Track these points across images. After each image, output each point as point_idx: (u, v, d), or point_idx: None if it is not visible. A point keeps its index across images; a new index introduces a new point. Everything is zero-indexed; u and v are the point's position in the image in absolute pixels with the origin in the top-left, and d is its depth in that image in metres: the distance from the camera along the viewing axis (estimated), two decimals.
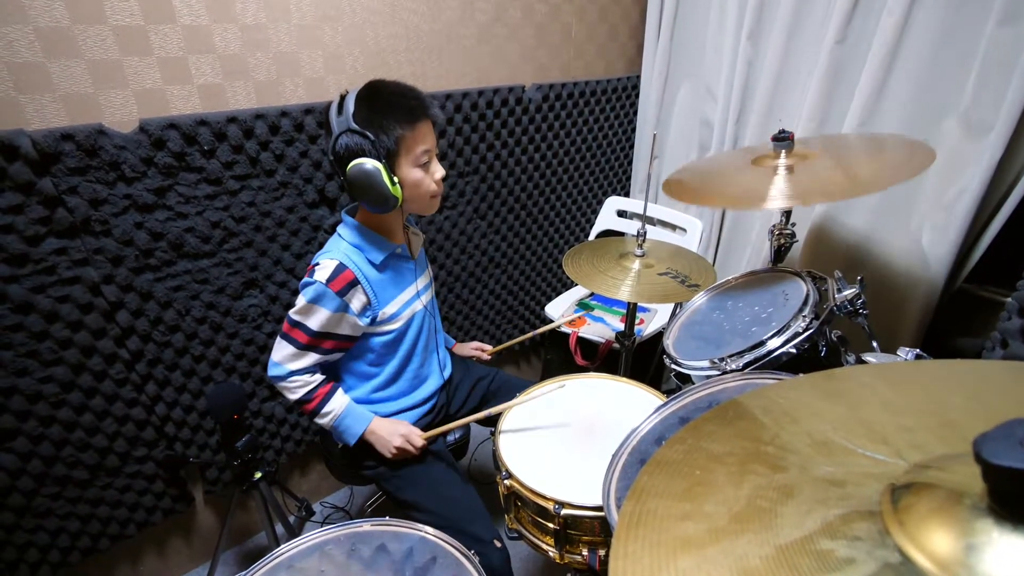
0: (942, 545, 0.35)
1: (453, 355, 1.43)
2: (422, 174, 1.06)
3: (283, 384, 1.10)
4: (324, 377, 1.13)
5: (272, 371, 1.10)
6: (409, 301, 1.17)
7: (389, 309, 1.13)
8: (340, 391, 1.14)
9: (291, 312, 1.06)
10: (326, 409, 1.11)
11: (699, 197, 1.17)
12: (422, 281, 1.23)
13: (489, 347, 1.46)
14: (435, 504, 1.13)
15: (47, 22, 1.01)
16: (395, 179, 1.01)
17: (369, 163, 0.98)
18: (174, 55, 1.15)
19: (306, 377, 1.10)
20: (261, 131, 1.28)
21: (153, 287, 1.24)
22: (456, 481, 1.17)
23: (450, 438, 1.35)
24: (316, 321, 1.05)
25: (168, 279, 1.25)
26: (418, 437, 1.14)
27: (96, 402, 1.22)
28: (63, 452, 1.20)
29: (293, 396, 1.11)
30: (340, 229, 1.12)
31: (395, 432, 1.13)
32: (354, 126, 0.98)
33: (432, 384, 1.28)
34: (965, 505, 0.36)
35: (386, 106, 1.01)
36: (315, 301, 1.03)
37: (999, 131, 1.18)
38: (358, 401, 1.18)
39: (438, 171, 1.09)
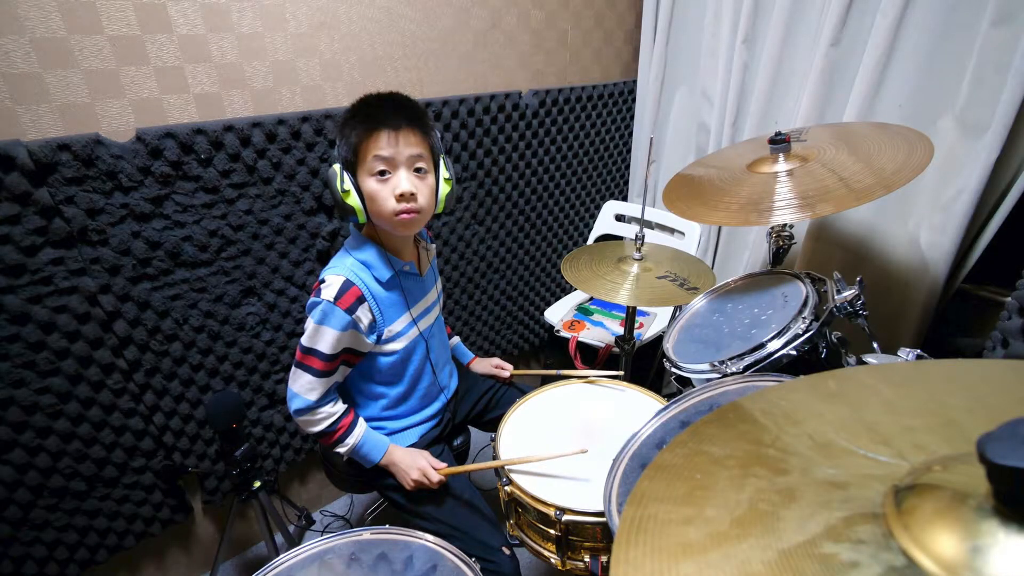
0: (947, 547, 0.34)
1: (459, 364, 1.42)
2: (376, 186, 0.99)
3: (307, 417, 1.07)
4: (346, 406, 1.11)
5: (295, 404, 1.06)
6: (416, 319, 1.15)
7: (394, 328, 1.11)
8: (360, 421, 1.13)
9: (302, 340, 1.04)
10: (347, 440, 1.09)
11: (702, 215, 1.16)
12: (430, 298, 1.21)
13: (509, 366, 1.43)
14: (442, 512, 1.12)
15: (43, 32, 1.01)
16: (347, 187, 0.99)
17: (333, 168, 1.00)
18: (171, 64, 1.16)
19: (329, 408, 1.08)
20: (258, 139, 1.28)
21: (150, 296, 1.23)
22: (463, 488, 1.16)
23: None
24: (327, 343, 1.01)
25: (165, 288, 1.25)
26: (435, 472, 1.09)
27: (93, 412, 1.21)
28: (60, 463, 1.19)
29: (316, 429, 1.08)
30: (347, 243, 1.10)
31: (413, 465, 1.10)
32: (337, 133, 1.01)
33: (441, 399, 1.27)
34: (970, 506, 0.35)
35: (354, 112, 1.01)
36: (323, 322, 1.01)
37: (995, 131, 1.19)
38: (368, 419, 1.16)
39: (399, 184, 0.98)
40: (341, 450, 1.10)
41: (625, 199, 2.33)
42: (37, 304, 1.09)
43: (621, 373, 1.26)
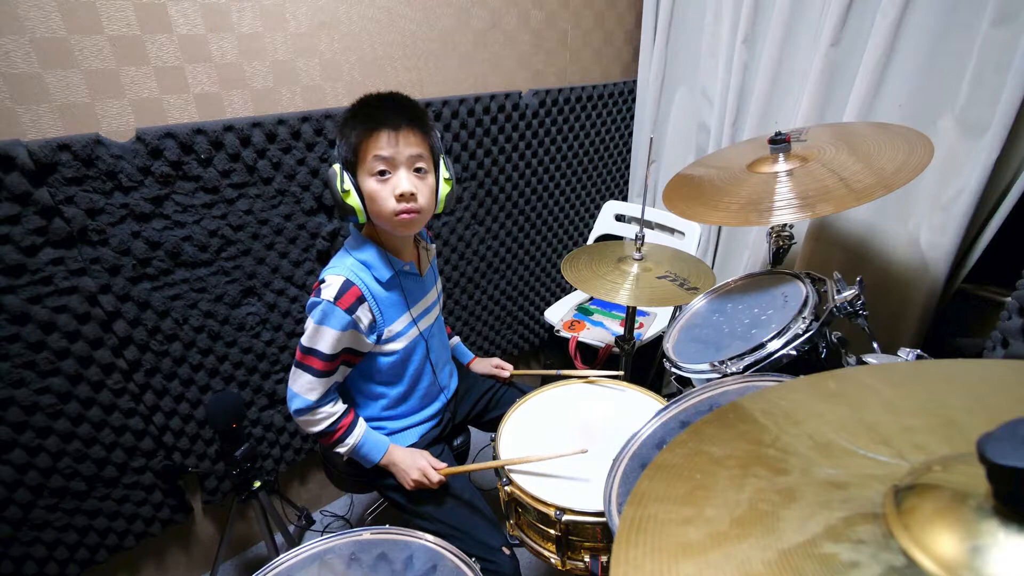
0: (947, 547, 0.34)
1: (459, 364, 1.42)
2: (376, 185, 0.99)
3: (307, 417, 1.07)
4: (346, 406, 1.11)
5: (295, 404, 1.06)
6: (416, 319, 1.15)
7: (394, 328, 1.11)
8: (360, 421, 1.13)
9: (302, 340, 1.04)
10: (347, 440, 1.09)
11: (702, 215, 1.16)
12: (430, 298, 1.21)
13: (509, 366, 1.43)
14: (442, 512, 1.12)
15: (43, 32, 1.01)
16: (347, 187, 0.99)
17: (333, 168, 1.00)
18: (171, 64, 1.16)
19: (329, 408, 1.08)
20: (258, 139, 1.28)
21: (150, 296, 1.23)
22: (463, 488, 1.16)
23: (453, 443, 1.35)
24: (327, 343, 1.01)
25: (165, 288, 1.25)
26: (435, 472, 1.09)
27: (93, 412, 1.21)
28: (60, 463, 1.19)
29: (316, 429, 1.08)
30: (347, 243, 1.10)
31: (413, 465, 1.10)
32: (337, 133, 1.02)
33: (441, 399, 1.27)
34: (969, 506, 0.35)
35: (354, 112, 1.01)
36: (323, 322, 1.01)
37: (995, 131, 1.19)
38: (367, 419, 1.16)
39: (399, 184, 0.99)
40: (341, 450, 1.10)
41: (625, 199, 2.33)
42: (37, 304, 1.09)
43: (621, 373, 1.26)
